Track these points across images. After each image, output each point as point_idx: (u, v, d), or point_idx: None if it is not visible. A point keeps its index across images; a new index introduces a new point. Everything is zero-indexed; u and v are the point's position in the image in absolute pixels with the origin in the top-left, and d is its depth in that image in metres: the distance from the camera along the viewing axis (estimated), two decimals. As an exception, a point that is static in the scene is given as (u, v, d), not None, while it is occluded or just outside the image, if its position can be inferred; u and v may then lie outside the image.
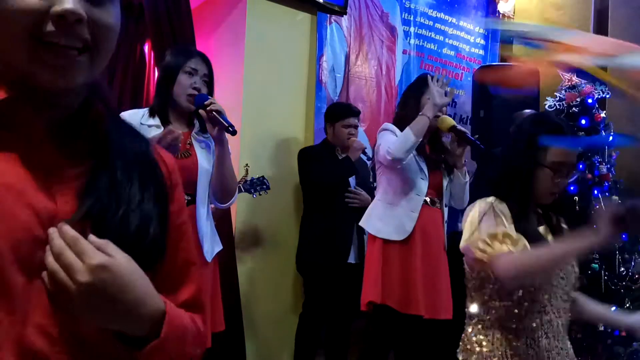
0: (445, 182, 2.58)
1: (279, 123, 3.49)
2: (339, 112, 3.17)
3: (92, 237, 0.65)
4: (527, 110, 3.20)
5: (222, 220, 2.99)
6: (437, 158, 2.60)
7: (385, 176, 2.59)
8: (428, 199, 2.54)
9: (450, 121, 2.50)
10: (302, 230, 3.26)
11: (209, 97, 2.01)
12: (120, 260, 0.65)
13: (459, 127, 2.50)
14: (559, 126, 1.50)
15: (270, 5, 3.48)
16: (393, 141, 2.44)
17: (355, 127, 3.14)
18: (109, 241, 0.65)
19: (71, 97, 0.72)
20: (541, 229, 1.53)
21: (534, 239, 1.43)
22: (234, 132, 1.96)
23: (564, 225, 1.60)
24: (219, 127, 1.96)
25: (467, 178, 2.58)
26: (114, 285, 0.63)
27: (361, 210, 2.86)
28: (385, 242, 2.48)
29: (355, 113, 3.16)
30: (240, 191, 2.77)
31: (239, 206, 3.12)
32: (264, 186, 2.93)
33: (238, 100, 3.36)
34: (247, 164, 3.10)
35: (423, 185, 2.50)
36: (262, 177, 2.95)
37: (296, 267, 3.27)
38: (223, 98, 3.53)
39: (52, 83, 0.67)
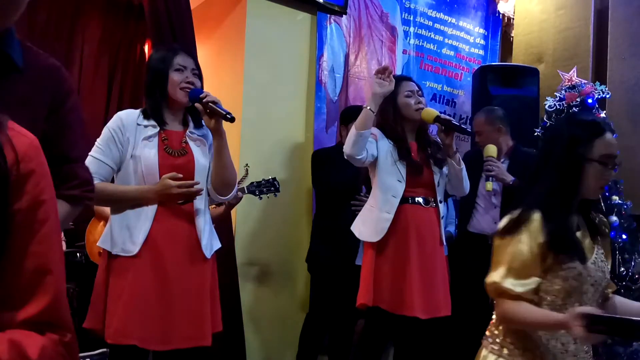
0: (436, 178, 2.56)
1: (279, 123, 3.49)
2: (352, 115, 3.16)
3: None
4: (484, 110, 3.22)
5: (221, 221, 2.99)
6: (424, 156, 2.58)
7: (372, 180, 2.60)
8: (421, 199, 2.53)
9: (433, 112, 2.49)
10: (314, 231, 3.29)
11: (203, 90, 2.02)
12: None
13: (443, 115, 2.49)
14: (596, 122, 1.55)
15: (270, 5, 3.48)
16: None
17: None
18: None
19: None
20: (578, 233, 1.52)
21: (570, 247, 1.45)
22: (232, 119, 1.96)
23: (605, 228, 1.62)
24: (216, 118, 1.97)
25: (462, 165, 2.57)
26: None
27: None
28: (379, 245, 2.47)
29: None
30: (244, 192, 2.75)
31: (239, 206, 3.11)
32: (272, 188, 2.81)
33: (238, 100, 3.36)
34: (247, 164, 3.10)
35: (399, 187, 2.48)
36: (273, 178, 2.85)
37: (307, 266, 3.29)
38: (223, 98, 3.53)
39: None
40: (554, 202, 1.48)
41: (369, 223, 2.51)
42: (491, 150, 2.94)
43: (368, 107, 2.41)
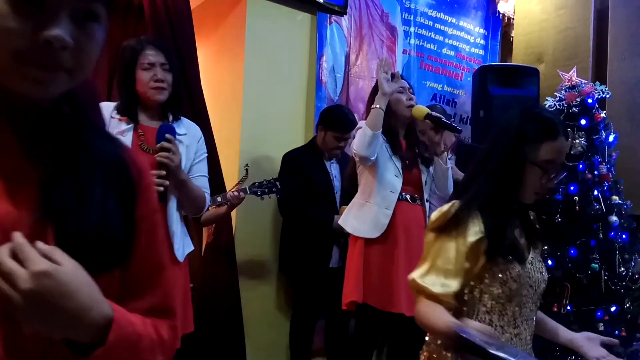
0: (424, 177, 2.57)
1: (279, 123, 3.49)
2: (336, 123, 3.07)
3: (39, 243, 0.63)
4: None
5: (222, 221, 2.99)
6: (412, 154, 2.59)
7: (362, 175, 2.59)
8: (408, 197, 2.53)
9: (424, 109, 2.49)
10: (282, 234, 3.26)
11: (167, 134, 1.93)
12: (65, 267, 0.63)
13: (434, 113, 2.48)
14: (552, 122, 1.41)
15: (270, 5, 3.48)
16: (355, 140, 2.48)
17: (347, 140, 3.06)
18: (56, 247, 0.64)
19: (42, 104, 0.72)
20: (515, 232, 1.45)
21: (508, 249, 1.37)
22: (162, 197, 1.91)
23: (538, 226, 1.54)
24: None
25: (449, 164, 2.57)
26: (57, 292, 0.62)
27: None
28: (367, 242, 2.48)
29: (351, 129, 2.97)
30: (246, 193, 2.75)
31: (239, 207, 3.11)
32: (274, 188, 2.79)
33: (238, 100, 3.36)
34: (247, 165, 3.09)
35: (397, 182, 2.49)
36: (275, 179, 2.82)
37: (281, 269, 3.29)
38: (223, 98, 3.54)
39: (30, 94, 0.68)
40: (494, 202, 1.39)
41: (366, 219, 2.50)
42: None
43: (378, 107, 2.42)
